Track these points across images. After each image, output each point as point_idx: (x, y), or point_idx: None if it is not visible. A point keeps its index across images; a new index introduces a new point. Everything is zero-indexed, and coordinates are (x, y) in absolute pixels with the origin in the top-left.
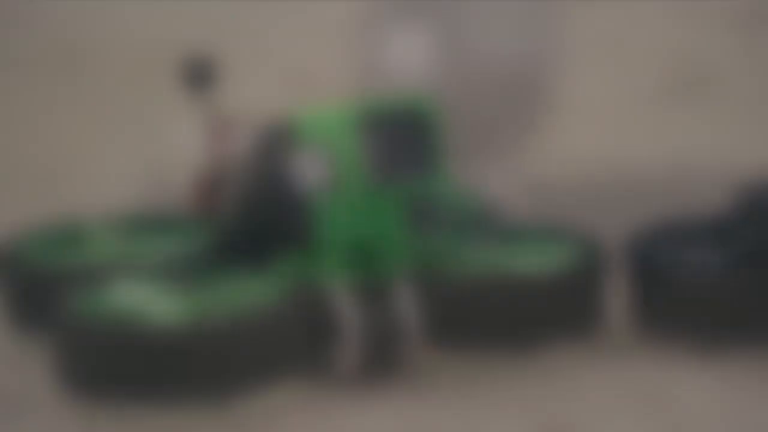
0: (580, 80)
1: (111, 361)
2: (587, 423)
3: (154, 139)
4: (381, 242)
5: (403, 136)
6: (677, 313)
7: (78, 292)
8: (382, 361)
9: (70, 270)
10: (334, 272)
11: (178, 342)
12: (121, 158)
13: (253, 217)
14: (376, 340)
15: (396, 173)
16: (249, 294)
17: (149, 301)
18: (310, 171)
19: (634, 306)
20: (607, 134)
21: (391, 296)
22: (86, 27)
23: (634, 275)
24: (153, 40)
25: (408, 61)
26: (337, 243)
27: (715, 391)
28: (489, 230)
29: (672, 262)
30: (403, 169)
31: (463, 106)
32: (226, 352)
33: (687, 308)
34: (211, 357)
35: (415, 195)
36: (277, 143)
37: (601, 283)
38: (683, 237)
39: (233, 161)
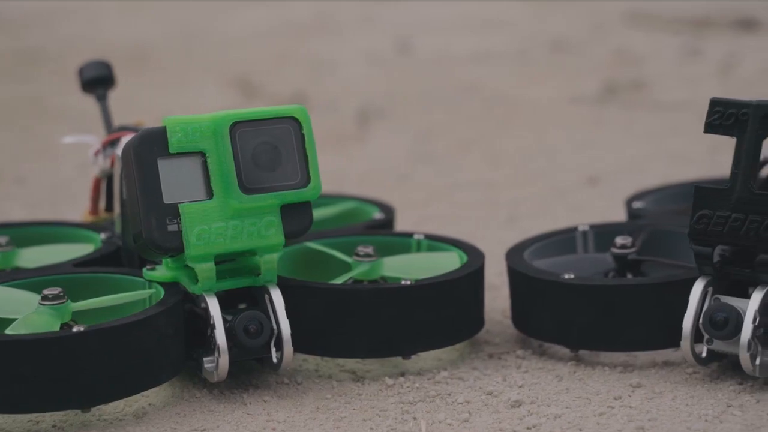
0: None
1: None
2: (459, 426)
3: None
4: (253, 248)
5: (275, 144)
6: (550, 318)
7: None
8: (255, 366)
9: None
10: (205, 278)
11: (50, 348)
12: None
13: (127, 223)
14: (248, 345)
15: (268, 180)
16: (123, 300)
17: (22, 309)
18: (182, 176)
19: (513, 310)
20: (542, 137)
21: (264, 302)
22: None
23: (512, 281)
24: (109, 42)
25: None
26: (208, 249)
27: (579, 394)
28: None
29: (544, 271)
30: (276, 176)
31: None
32: (98, 358)
33: (559, 313)
34: (83, 363)
35: (287, 202)
36: (149, 148)
37: (480, 289)
38: (561, 245)
39: (119, 167)
